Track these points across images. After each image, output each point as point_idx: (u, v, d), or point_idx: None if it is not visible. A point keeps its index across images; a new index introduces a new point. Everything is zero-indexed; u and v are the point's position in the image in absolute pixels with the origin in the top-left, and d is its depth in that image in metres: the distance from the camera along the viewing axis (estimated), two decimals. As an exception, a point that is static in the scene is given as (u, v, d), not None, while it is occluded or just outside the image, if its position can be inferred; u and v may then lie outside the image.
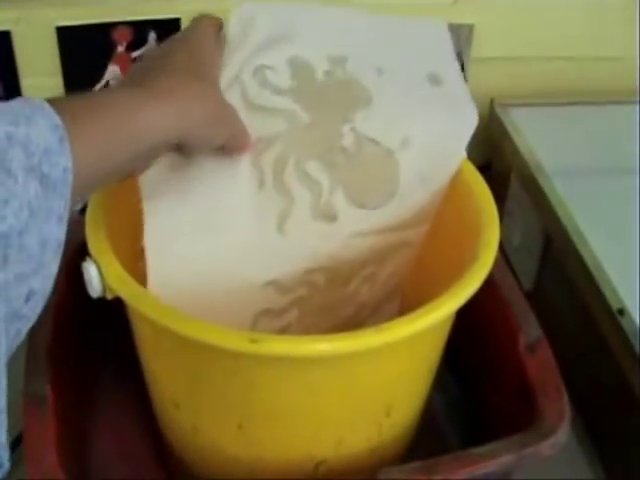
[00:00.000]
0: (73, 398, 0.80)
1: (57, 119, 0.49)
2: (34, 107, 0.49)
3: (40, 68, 1.04)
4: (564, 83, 1.20)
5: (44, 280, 0.49)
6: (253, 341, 0.59)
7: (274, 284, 0.78)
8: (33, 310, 0.50)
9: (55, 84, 1.05)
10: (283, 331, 0.79)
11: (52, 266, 0.50)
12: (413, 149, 0.78)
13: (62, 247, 0.50)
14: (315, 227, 0.77)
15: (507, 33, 1.15)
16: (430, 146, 0.78)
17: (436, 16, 1.11)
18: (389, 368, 0.69)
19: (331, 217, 0.77)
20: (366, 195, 0.78)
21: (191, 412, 0.73)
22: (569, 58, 1.19)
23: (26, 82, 1.04)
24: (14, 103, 0.49)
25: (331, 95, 0.76)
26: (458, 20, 1.12)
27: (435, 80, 0.80)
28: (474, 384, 0.92)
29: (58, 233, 0.49)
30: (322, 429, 0.71)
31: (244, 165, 0.73)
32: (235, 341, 0.60)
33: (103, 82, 1.06)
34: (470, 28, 1.13)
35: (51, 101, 0.51)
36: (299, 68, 0.76)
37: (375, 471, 0.67)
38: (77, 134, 0.51)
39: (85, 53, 1.04)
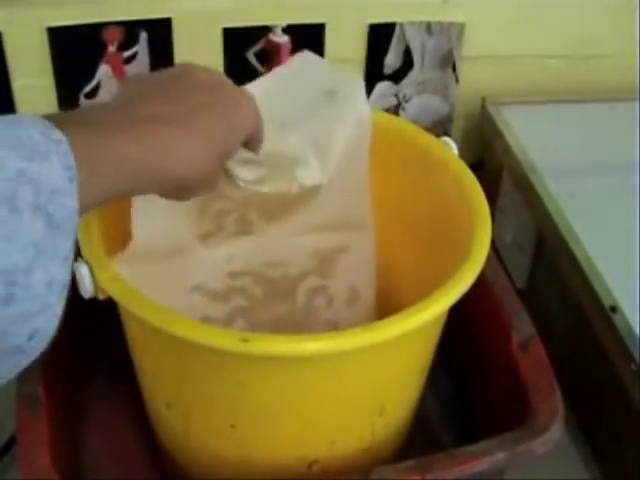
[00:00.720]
0: (66, 399, 0.80)
1: (71, 159, 0.48)
2: (51, 142, 0.48)
3: (31, 68, 1.04)
4: (556, 81, 1.21)
5: (48, 320, 0.49)
6: (243, 340, 0.59)
7: (199, 289, 0.80)
8: (35, 348, 0.49)
9: (46, 84, 1.05)
10: None
11: (57, 307, 0.49)
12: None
13: (67, 288, 0.50)
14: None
15: (498, 31, 1.15)
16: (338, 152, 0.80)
17: (427, 15, 1.11)
18: (381, 367, 0.68)
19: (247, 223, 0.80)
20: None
21: (183, 412, 0.73)
22: (560, 56, 1.19)
23: (17, 83, 1.04)
24: (34, 131, 0.48)
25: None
26: (449, 19, 1.12)
27: (330, 94, 0.82)
28: (467, 382, 0.92)
29: (63, 274, 0.49)
30: (314, 429, 0.71)
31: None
32: (225, 340, 0.60)
33: (94, 82, 1.06)
34: (461, 27, 1.13)
35: (65, 129, 0.50)
36: None
37: (368, 470, 0.68)
38: (89, 175, 0.50)
39: (76, 53, 1.04)
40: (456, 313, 0.70)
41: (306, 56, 0.84)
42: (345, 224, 0.85)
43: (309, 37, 1.10)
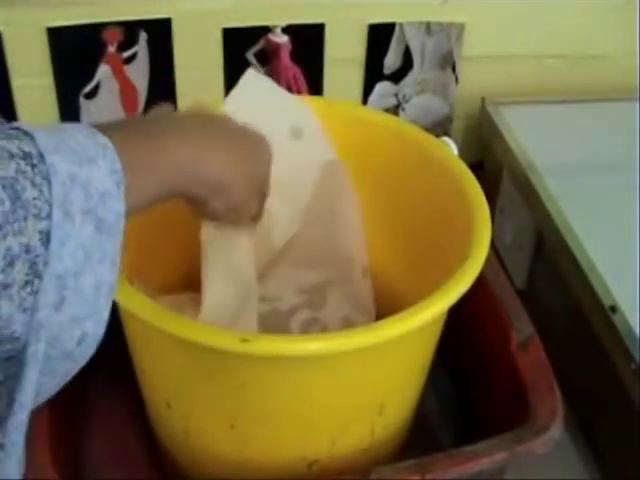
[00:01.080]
0: (66, 399, 0.80)
1: (117, 164, 0.49)
2: (97, 147, 0.49)
3: (31, 69, 1.04)
4: (555, 81, 1.21)
5: (97, 324, 0.49)
6: (244, 340, 0.59)
7: None
8: (85, 353, 0.50)
9: (46, 84, 1.05)
10: None
11: (105, 311, 0.50)
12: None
13: (114, 292, 0.50)
14: None
15: (498, 32, 1.15)
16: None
17: (427, 15, 1.11)
18: (381, 367, 0.69)
19: None
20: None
21: (183, 412, 0.73)
22: (560, 56, 1.19)
23: (17, 82, 1.04)
24: (80, 137, 0.49)
25: None
26: (449, 19, 1.12)
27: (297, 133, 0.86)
28: (467, 382, 0.92)
29: (111, 277, 0.49)
30: (314, 429, 0.71)
31: None
32: (225, 341, 0.60)
33: (94, 82, 1.06)
34: (461, 27, 1.13)
35: (111, 136, 0.51)
36: None
37: (368, 470, 0.68)
38: (134, 177, 0.52)
39: (76, 53, 1.04)
40: (456, 313, 0.71)
41: (254, 78, 0.85)
42: (331, 259, 0.88)
43: (309, 37, 1.10)
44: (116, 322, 0.72)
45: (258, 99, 0.83)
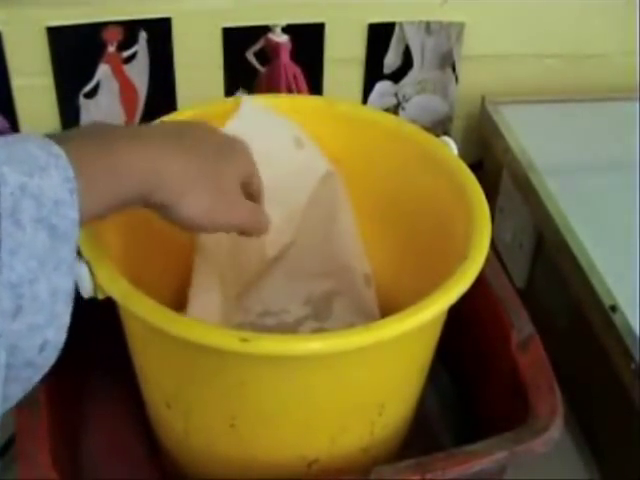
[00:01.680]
0: (66, 399, 0.80)
1: (70, 172, 0.50)
2: (50, 156, 0.50)
3: (30, 68, 1.04)
4: (555, 80, 1.21)
5: (58, 331, 0.50)
6: (243, 340, 0.59)
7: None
8: (47, 360, 0.51)
9: (46, 84, 1.05)
10: None
11: (64, 317, 0.50)
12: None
13: (72, 298, 0.51)
14: None
15: (498, 31, 1.15)
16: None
17: (427, 15, 1.11)
18: (381, 367, 0.69)
19: None
20: None
21: (183, 412, 0.73)
22: (560, 55, 1.19)
23: (16, 82, 1.04)
24: (31, 147, 0.49)
25: None
26: (449, 18, 1.12)
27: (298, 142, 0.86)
28: (466, 382, 0.92)
29: (68, 284, 0.50)
30: (314, 428, 0.71)
31: None
32: (225, 340, 0.60)
33: (94, 82, 1.06)
34: (461, 26, 1.13)
35: (65, 144, 0.51)
36: None
37: (368, 470, 0.68)
38: (89, 185, 0.52)
39: (75, 53, 1.04)
40: (456, 313, 0.70)
41: (251, 108, 0.85)
42: (330, 268, 0.88)
43: (309, 37, 1.10)
44: (115, 321, 0.72)
45: (257, 123, 0.83)
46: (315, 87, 1.14)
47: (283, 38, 1.09)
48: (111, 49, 1.05)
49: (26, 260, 0.47)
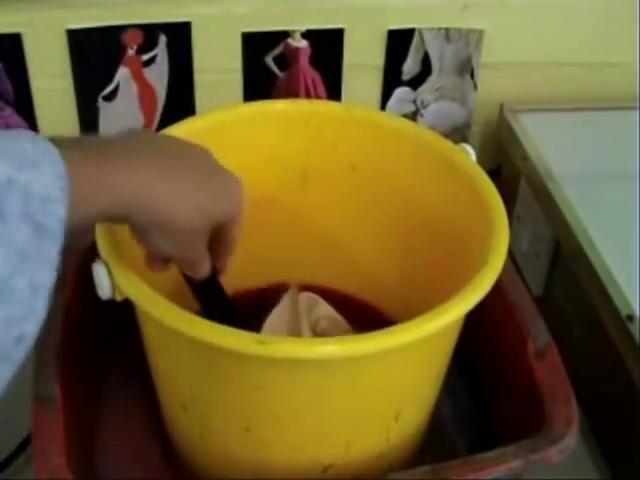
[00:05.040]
0: (82, 399, 0.81)
1: (62, 169, 0.50)
2: (44, 152, 0.50)
3: (50, 70, 1.04)
4: (574, 88, 1.20)
5: (35, 325, 0.49)
6: (260, 343, 0.59)
7: None
8: (21, 354, 0.50)
9: (65, 86, 1.06)
10: None
11: (42, 312, 0.50)
12: None
13: (51, 293, 0.50)
14: None
15: (517, 38, 1.15)
16: None
17: (446, 21, 1.11)
18: (397, 372, 0.68)
19: None
20: None
21: (198, 414, 0.73)
22: (579, 63, 1.19)
23: (36, 84, 1.05)
24: (26, 143, 0.49)
25: None
26: (468, 25, 1.12)
27: None
28: (483, 389, 0.91)
29: (50, 280, 0.50)
30: (330, 432, 0.71)
31: None
32: (242, 343, 0.60)
33: (113, 85, 1.07)
34: (480, 33, 1.13)
35: (62, 145, 0.51)
36: None
37: (383, 476, 0.67)
38: (82, 191, 0.52)
39: (95, 56, 1.04)
40: (472, 320, 0.70)
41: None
42: None
43: (328, 42, 1.10)
44: (131, 322, 0.73)
45: None
46: (334, 93, 1.14)
47: (302, 43, 1.09)
48: (131, 52, 1.05)
49: (7, 254, 0.46)
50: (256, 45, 1.09)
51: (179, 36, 1.06)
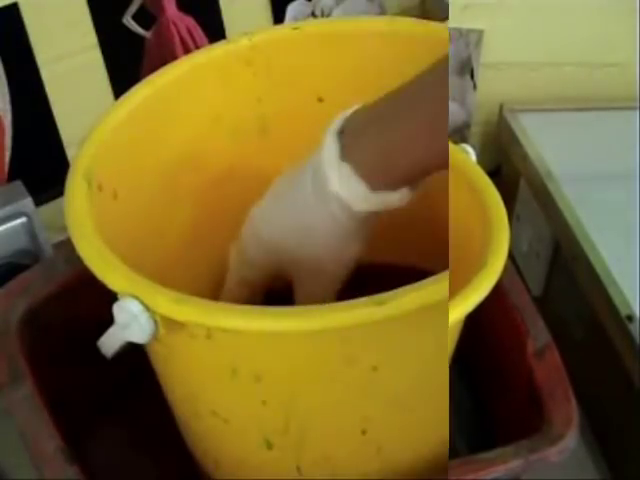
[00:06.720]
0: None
1: None
2: None
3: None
4: (574, 89, 1.20)
5: None
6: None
7: None
8: None
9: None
10: None
11: None
12: None
13: None
14: None
15: (517, 39, 1.15)
16: None
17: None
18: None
19: None
20: None
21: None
22: (579, 64, 1.19)
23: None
24: None
25: None
26: (468, 25, 1.12)
27: None
28: (482, 389, 0.91)
29: None
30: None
31: None
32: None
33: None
34: (480, 33, 1.13)
35: None
36: None
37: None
38: None
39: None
40: (472, 320, 0.70)
41: None
42: None
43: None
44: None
45: None
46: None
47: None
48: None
49: None
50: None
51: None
